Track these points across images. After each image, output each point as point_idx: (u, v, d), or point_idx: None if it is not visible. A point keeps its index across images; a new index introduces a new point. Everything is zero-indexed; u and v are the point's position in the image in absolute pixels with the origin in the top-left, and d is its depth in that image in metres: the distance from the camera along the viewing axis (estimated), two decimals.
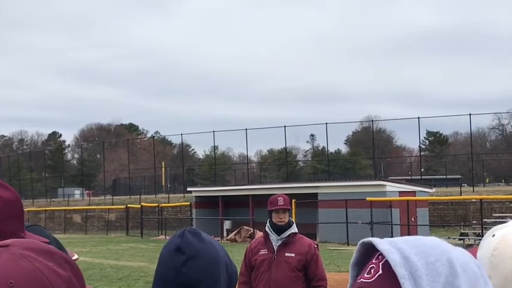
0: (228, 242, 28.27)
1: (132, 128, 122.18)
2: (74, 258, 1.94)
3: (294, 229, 5.36)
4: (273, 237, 5.31)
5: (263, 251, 5.32)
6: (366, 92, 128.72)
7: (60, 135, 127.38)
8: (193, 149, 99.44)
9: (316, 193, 28.22)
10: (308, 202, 27.38)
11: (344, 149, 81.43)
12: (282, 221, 5.30)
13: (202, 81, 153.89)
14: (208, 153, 77.25)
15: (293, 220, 5.47)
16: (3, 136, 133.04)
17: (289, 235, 5.29)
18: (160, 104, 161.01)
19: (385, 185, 27.37)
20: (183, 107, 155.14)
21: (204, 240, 1.64)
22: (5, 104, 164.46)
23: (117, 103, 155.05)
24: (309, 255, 5.25)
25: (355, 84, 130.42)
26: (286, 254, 5.23)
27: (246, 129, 40.28)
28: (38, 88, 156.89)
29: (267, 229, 5.38)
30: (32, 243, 1.03)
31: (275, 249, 5.28)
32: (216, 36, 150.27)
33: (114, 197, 49.08)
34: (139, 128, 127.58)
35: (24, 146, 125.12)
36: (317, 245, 5.50)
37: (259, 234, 27.39)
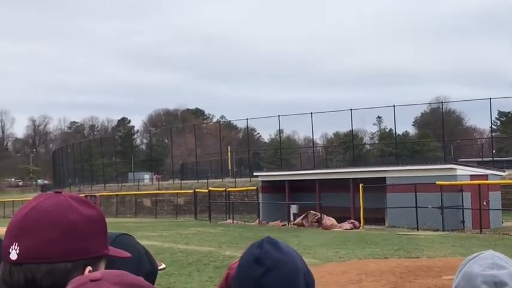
0: (295, 226, 28.29)
1: (198, 113, 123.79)
2: (161, 267, 1.95)
3: None
4: None
5: None
6: (434, 73, 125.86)
7: (129, 120, 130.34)
8: (258, 133, 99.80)
9: (384, 177, 27.83)
10: (376, 186, 27.04)
11: (412, 131, 79.90)
12: None
13: (268, 64, 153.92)
14: (273, 136, 77.39)
15: None
16: (75, 122, 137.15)
17: None
18: (225, 88, 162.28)
19: (455, 169, 26.71)
20: (248, 91, 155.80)
21: (282, 250, 1.61)
22: (76, 90, 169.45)
23: (183, 88, 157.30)
24: None
25: (423, 64, 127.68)
26: None
27: (312, 112, 40.08)
28: (106, 74, 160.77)
29: None
30: (122, 276, 1.02)
31: None
32: (280, 17, 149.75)
33: (182, 181, 49.89)
34: (205, 112, 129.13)
35: (95, 132, 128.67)
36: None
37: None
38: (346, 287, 11.51)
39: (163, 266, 2.02)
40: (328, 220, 27.08)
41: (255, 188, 34.87)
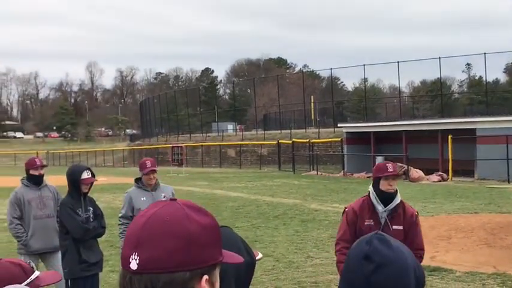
0: None
1: (280, 62, 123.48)
2: (258, 257, 1.94)
3: (399, 199, 5.04)
4: (379, 207, 4.99)
5: (369, 222, 4.98)
6: None
7: (213, 71, 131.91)
8: (342, 82, 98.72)
9: (474, 128, 26.94)
10: (465, 138, 26.25)
11: (503, 78, 76.69)
12: (392, 189, 4.97)
13: (352, 11, 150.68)
14: (357, 85, 76.25)
15: (397, 189, 5.08)
16: (160, 73, 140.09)
17: (395, 206, 4.98)
18: (308, 36, 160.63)
19: None
20: (331, 38, 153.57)
21: (392, 247, 1.56)
22: (161, 41, 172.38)
23: (265, 37, 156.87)
24: (412, 223, 4.99)
25: None
26: (394, 227, 4.93)
27: (398, 61, 38.85)
28: (191, 25, 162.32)
29: (372, 198, 5.03)
30: None
31: (381, 221, 4.98)
32: None
33: (265, 132, 50.22)
34: (288, 61, 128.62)
35: (180, 83, 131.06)
36: (417, 213, 5.18)
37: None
38: (435, 244, 11.32)
39: (260, 255, 2.02)
40: (416, 172, 26.64)
41: (339, 139, 34.64)
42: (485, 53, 34.82)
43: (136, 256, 1.30)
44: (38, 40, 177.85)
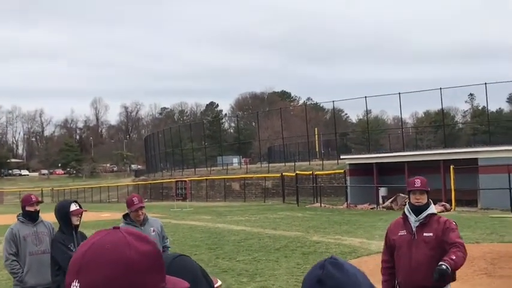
0: (384, 209, 27.95)
1: (284, 95, 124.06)
2: (217, 285, 1.99)
3: (432, 210, 5.49)
4: (411, 218, 5.47)
5: (402, 232, 5.49)
6: None
7: (217, 105, 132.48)
8: (346, 114, 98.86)
9: (476, 158, 26.94)
10: (467, 168, 26.21)
11: (506, 107, 76.83)
12: (420, 202, 5.45)
13: (353, 44, 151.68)
14: (361, 117, 76.44)
15: (431, 201, 5.59)
16: (165, 108, 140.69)
17: (426, 216, 5.43)
18: (311, 69, 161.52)
19: None
20: (334, 71, 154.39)
21: (346, 272, 1.60)
22: (165, 76, 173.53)
23: (269, 70, 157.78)
24: (445, 229, 5.36)
25: None
26: (425, 234, 5.38)
27: (399, 93, 39.06)
28: (194, 59, 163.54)
29: (405, 210, 5.57)
30: None
31: (414, 230, 5.43)
32: None
33: (270, 165, 50.20)
34: (292, 94, 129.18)
35: (185, 117, 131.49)
36: (455, 222, 5.58)
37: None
38: None
39: (219, 283, 2.07)
40: None
41: (342, 171, 34.62)
42: (485, 83, 35.00)
43: (76, 283, 1.35)
44: (43, 78, 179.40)
